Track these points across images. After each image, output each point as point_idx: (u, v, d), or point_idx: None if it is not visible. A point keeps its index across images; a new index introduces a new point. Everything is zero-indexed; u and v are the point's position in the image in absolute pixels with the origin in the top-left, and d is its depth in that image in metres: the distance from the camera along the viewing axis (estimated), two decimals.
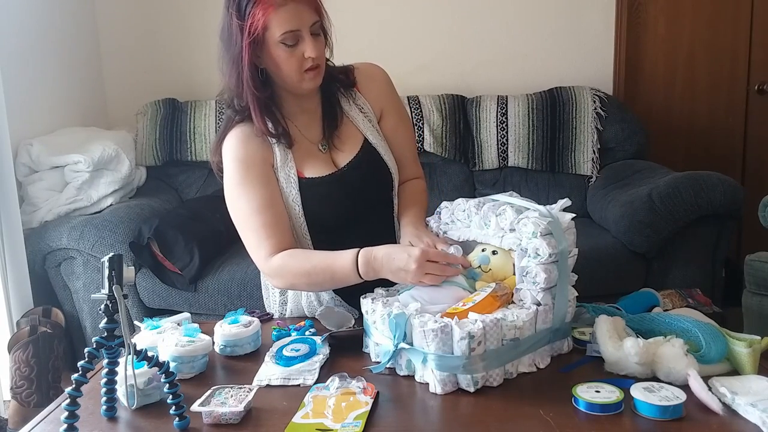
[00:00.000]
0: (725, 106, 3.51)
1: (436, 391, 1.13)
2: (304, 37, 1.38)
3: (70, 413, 1.03)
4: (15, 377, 2.38)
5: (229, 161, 1.46)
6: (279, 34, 1.37)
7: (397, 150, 1.59)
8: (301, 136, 1.51)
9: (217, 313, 2.57)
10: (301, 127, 1.52)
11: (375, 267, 1.33)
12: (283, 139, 1.47)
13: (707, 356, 1.15)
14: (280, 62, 1.40)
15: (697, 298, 1.95)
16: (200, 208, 2.90)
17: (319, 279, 1.39)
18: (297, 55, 1.39)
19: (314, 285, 1.44)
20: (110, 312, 1.04)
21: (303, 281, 1.42)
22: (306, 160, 1.50)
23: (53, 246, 2.60)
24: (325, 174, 1.49)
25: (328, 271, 1.37)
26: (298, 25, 1.37)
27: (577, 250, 1.25)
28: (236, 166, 1.45)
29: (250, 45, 1.37)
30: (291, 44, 1.38)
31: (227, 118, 1.50)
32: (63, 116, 3.10)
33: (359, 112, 1.55)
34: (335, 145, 1.53)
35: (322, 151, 1.52)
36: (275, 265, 1.41)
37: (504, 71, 3.42)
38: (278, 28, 1.36)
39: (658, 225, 2.54)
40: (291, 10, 1.36)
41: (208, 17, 3.42)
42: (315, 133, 1.53)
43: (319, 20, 1.41)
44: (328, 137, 1.53)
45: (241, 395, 1.11)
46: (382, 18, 3.40)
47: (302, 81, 1.43)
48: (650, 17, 3.43)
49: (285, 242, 1.43)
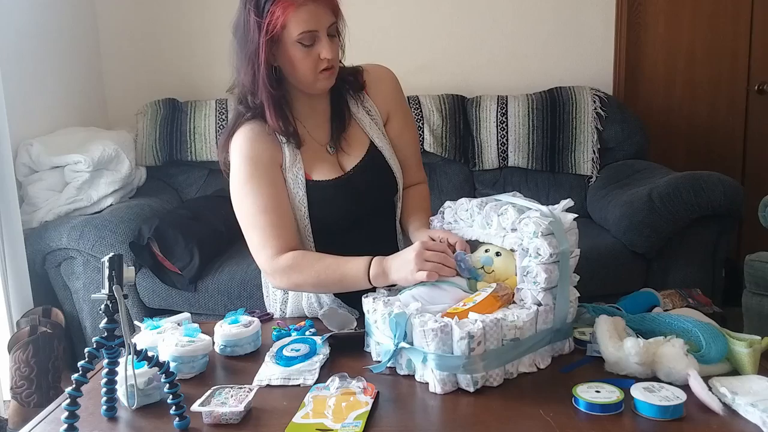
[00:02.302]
0: (725, 106, 3.51)
1: (435, 391, 1.14)
2: (321, 38, 1.39)
3: (70, 413, 1.03)
4: (15, 377, 2.38)
5: (238, 159, 1.46)
6: (297, 34, 1.37)
7: (401, 154, 1.59)
8: (310, 137, 1.51)
9: (217, 313, 2.57)
10: (311, 129, 1.52)
11: (385, 269, 1.33)
12: (293, 139, 1.47)
13: (707, 356, 1.14)
14: (295, 62, 1.40)
15: (697, 298, 1.95)
16: (200, 208, 2.90)
17: (327, 281, 1.40)
18: (313, 56, 1.40)
19: (321, 287, 1.44)
20: (110, 312, 1.04)
21: (310, 282, 1.42)
22: (314, 161, 1.50)
23: (53, 246, 2.60)
24: (332, 177, 1.49)
25: (338, 273, 1.38)
26: (316, 26, 1.38)
27: (579, 251, 1.25)
28: (244, 164, 1.45)
29: (267, 43, 1.37)
30: (308, 44, 1.38)
31: (237, 113, 1.49)
32: (63, 116, 3.10)
33: (366, 115, 1.55)
34: (342, 148, 1.53)
35: (329, 153, 1.53)
36: (282, 265, 1.41)
37: (504, 71, 3.42)
38: (296, 27, 1.36)
39: (658, 225, 2.54)
40: (310, 10, 1.36)
41: (208, 17, 3.44)
42: (323, 134, 1.53)
43: (336, 21, 1.42)
44: (335, 139, 1.53)
45: (242, 395, 1.11)
46: (382, 18, 3.40)
47: (317, 81, 1.43)
48: (650, 17, 3.43)
49: (291, 243, 1.44)
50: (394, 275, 1.32)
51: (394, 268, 1.32)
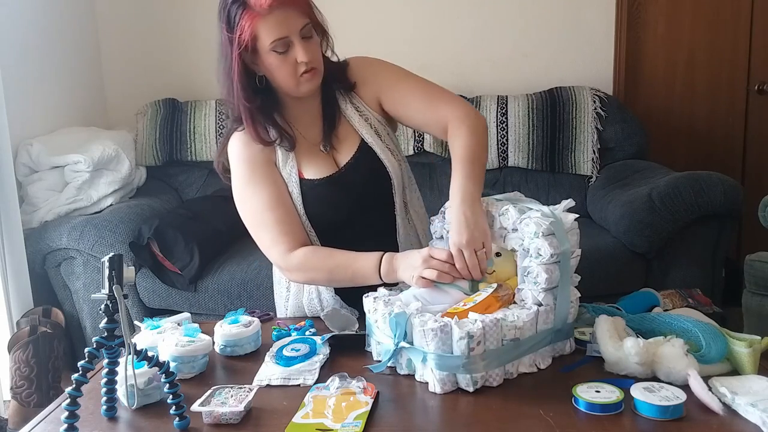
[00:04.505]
0: (725, 106, 3.51)
1: (435, 391, 1.14)
2: (294, 42, 1.38)
3: (71, 413, 1.03)
4: (15, 377, 2.38)
5: (235, 163, 1.48)
6: (268, 43, 1.36)
7: (416, 107, 1.50)
8: (302, 137, 1.52)
9: (217, 313, 2.57)
10: (303, 129, 1.52)
11: (394, 266, 1.35)
12: (284, 142, 1.48)
13: (707, 356, 1.14)
14: (273, 69, 1.40)
15: (697, 298, 1.95)
16: (200, 208, 2.90)
17: (339, 278, 1.43)
18: (290, 61, 1.39)
19: (334, 283, 1.47)
20: (110, 312, 1.04)
21: (324, 279, 1.45)
22: (308, 160, 1.50)
23: (53, 246, 2.60)
24: (325, 175, 1.50)
25: (350, 271, 1.40)
26: (287, 32, 1.36)
27: (580, 251, 1.25)
28: (242, 167, 1.47)
29: (240, 56, 1.38)
30: (282, 51, 1.38)
31: (229, 125, 1.53)
32: (63, 116, 3.10)
33: (355, 111, 1.54)
34: (334, 146, 1.53)
35: (323, 151, 1.52)
36: (296, 261, 1.43)
37: (504, 71, 3.42)
38: (267, 36, 1.36)
39: (658, 225, 2.54)
40: (277, 17, 1.35)
41: (208, 17, 3.40)
42: (316, 133, 1.53)
43: (309, 22, 1.40)
44: (327, 138, 1.53)
45: (242, 395, 1.11)
46: (382, 18, 3.40)
47: (299, 85, 1.42)
48: (650, 17, 3.43)
49: (301, 238, 1.47)
50: (401, 273, 1.33)
51: (402, 267, 1.34)
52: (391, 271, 1.35)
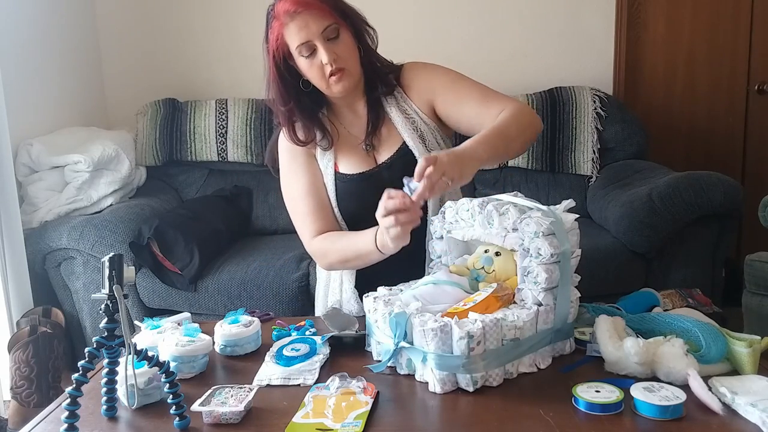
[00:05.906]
0: (725, 106, 3.51)
1: (435, 391, 1.14)
2: (318, 45, 1.42)
3: (71, 413, 1.03)
4: (15, 377, 2.38)
5: (281, 154, 1.60)
6: (294, 48, 1.44)
7: (470, 106, 1.53)
8: (347, 133, 1.58)
9: (217, 313, 2.57)
10: (347, 125, 1.58)
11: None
12: (322, 142, 1.55)
13: (707, 356, 1.15)
14: (305, 72, 1.48)
15: (697, 298, 1.95)
16: (200, 208, 2.90)
17: (351, 260, 1.49)
18: (317, 64, 1.45)
19: (348, 262, 1.51)
20: (110, 312, 1.04)
21: (338, 258, 1.51)
22: (347, 156, 1.56)
23: (53, 246, 2.60)
24: (358, 172, 1.55)
25: (355, 252, 1.46)
26: (308, 36, 1.42)
27: (580, 251, 1.25)
28: (285, 155, 1.59)
29: (274, 63, 1.46)
30: (307, 54, 1.44)
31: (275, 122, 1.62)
32: (63, 116, 3.10)
33: (400, 114, 1.56)
34: (375, 146, 1.57)
35: (364, 150, 1.57)
36: (313, 249, 1.54)
37: (504, 71, 3.42)
38: (292, 42, 1.44)
39: (658, 225, 2.54)
40: (298, 23, 1.41)
41: (208, 17, 3.44)
42: (359, 131, 1.58)
43: (332, 23, 1.43)
44: (369, 137, 1.57)
45: (242, 395, 1.11)
46: (381, 18, 3.39)
47: (329, 86, 1.47)
48: (650, 17, 3.43)
49: (327, 226, 1.53)
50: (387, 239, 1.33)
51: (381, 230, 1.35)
52: (384, 242, 1.36)
